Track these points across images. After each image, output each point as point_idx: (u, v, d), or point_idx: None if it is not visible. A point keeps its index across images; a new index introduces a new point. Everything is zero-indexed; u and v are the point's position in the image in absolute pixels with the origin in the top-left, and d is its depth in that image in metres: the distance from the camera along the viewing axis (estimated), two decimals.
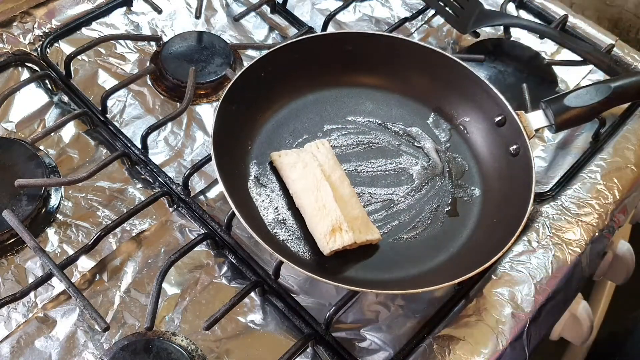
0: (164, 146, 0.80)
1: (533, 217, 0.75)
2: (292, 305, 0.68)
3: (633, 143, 0.83)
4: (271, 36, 0.94)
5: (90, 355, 0.64)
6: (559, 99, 0.74)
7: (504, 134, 0.75)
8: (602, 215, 0.76)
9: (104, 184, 0.76)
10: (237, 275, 0.71)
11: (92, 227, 0.72)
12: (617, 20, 1.24)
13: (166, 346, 0.63)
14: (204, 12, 0.94)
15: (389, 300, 0.70)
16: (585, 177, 0.80)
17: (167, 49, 0.87)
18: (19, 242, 0.70)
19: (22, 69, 0.85)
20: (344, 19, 0.97)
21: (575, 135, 0.86)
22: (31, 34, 0.87)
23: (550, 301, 0.70)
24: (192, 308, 0.68)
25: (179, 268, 0.70)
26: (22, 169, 0.73)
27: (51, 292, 0.67)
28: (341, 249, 0.66)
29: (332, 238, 0.65)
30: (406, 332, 0.68)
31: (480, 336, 0.65)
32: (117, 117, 0.82)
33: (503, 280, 0.70)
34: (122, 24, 0.92)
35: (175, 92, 0.85)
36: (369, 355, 0.66)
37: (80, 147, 0.79)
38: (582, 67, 0.93)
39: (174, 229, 0.74)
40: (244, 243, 0.72)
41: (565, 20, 0.97)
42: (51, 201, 0.73)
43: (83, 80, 0.85)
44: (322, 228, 0.66)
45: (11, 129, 0.80)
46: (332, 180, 0.70)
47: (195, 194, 0.76)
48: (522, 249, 0.73)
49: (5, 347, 0.64)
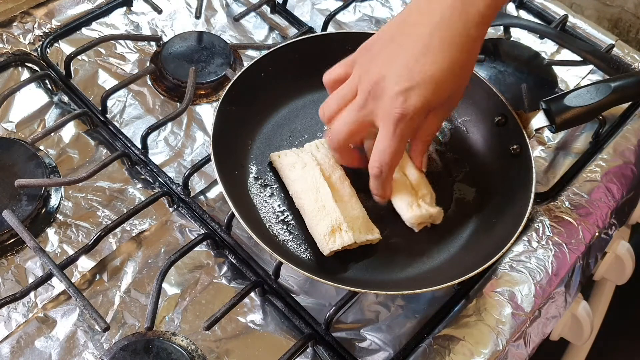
0: (164, 146, 0.80)
1: (533, 217, 0.75)
2: (292, 306, 0.68)
3: (633, 143, 0.83)
4: (271, 36, 0.94)
5: (90, 355, 0.64)
6: (559, 99, 0.74)
7: (504, 134, 0.75)
8: (602, 215, 0.76)
9: (104, 184, 0.76)
10: (237, 275, 0.71)
11: (92, 227, 0.73)
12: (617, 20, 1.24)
13: (166, 346, 0.63)
14: (204, 12, 0.94)
15: (389, 300, 0.70)
16: (585, 177, 0.80)
17: (167, 49, 0.87)
18: (19, 242, 0.70)
19: (22, 69, 0.85)
20: (344, 19, 0.97)
21: (575, 135, 0.86)
22: (31, 34, 0.87)
23: (550, 301, 0.70)
24: (192, 308, 0.68)
25: (179, 268, 0.70)
26: (22, 169, 0.74)
27: (51, 292, 0.67)
28: (341, 249, 0.66)
29: (332, 238, 0.65)
30: (406, 332, 0.68)
31: (480, 336, 0.65)
32: (117, 117, 0.82)
33: (503, 280, 0.70)
34: (122, 24, 0.92)
35: (175, 92, 0.85)
36: (369, 355, 0.66)
37: (80, 147, 0.79)
38: (582, 67, 0.93)
39: (174, 229, 0.74)
40: (244, 243, 0.72)
41: (565, 20, 0.97)
42: (51, 201, 0.73)
43: (83, 80, 0.85)
44: (321, 228, 0.66)
45: (11, 129, 0.80)
46: (332, 181, 0.70)
47: (195, 194, 0.76)
48: (522, 249, 0.73)
49: (5, 347, 0.64)
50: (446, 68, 0.60)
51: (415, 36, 0.61)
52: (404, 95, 0.59)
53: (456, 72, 0.61)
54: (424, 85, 0.59)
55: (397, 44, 0.62)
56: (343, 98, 0.65)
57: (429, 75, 0.59)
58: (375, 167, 0.64)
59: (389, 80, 0.60)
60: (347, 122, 0.64)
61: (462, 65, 0.61)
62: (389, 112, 0.60)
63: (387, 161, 0.63)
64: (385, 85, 0.60)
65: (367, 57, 0.64)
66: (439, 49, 0.59)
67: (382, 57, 0.62)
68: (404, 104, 0.59)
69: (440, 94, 0.61)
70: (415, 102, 0.59)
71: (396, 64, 0.61)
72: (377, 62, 0.62)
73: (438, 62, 0.60)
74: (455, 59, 0.60)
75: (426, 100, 0.60)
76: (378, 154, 0.63)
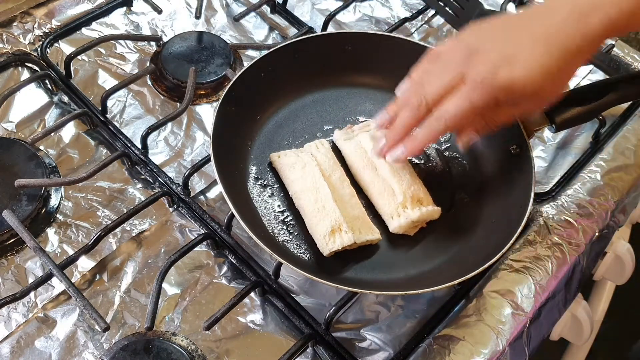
0: (164, 146, 0.80)
1: (533, 217, 0.75)
2: (292, 306, 0.68)
3: (633, 143, 0.83)
4: (271, 36, 0.94)
5: (90, 355, 0.64)
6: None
7: (504, 134, 0.74)
8: (602, 215, 0.76)
9: (104, 184, 0.76)
10: (237, 275, 0.71)
11: (92, 227, 0.73)
12: None
13: (166, 346, 0.63)
14: (204, 12, 0.94)
15: (389, 300, 0.70)
16: (585, 177, 0.79)
17: (167, 49, 0.87)
18: (19, 242, 0.70)
19: (22, 69, 0.85)
20: (344, 19, 0.97)
21: (575, 135, 0.86)
22: (31, 34, 0.87)
23: (550, 301, 0.70)
24: (192, 308, 0.68)
25: (179, 268, 0.70)
26: (22, 169, 0.74)
27: (51, 292, 0.67)
28: (341, 249, 0.66)
29: (332, 239, 0.65)
30: (406, 332, 0.68)
31: (480, 336, 0.65)
32: (117, 117, 0.82)
33: (503, 280, 0.70)
34: (122, 24, 0.92)
35: (175, 92, 0.85)
36: (369, 355, 0.66)
37: (80, 147, 0.79)
38: (582, 67, 0.93)
39: (174, 229, 0.74)
40: (244, 243, 0.72)
41: None
42: (51, 201, 0.73)
43: (83, 80, 0.85)
44: (321, 229, 0.66)
45: (11, 129, 0.80)
46: (331, 181, 0.70)
47: (195, 194, 0.76)
48: (522, 249, 0.72)
49: (5, 347, 0.64)
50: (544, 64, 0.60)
51: (526, 30, 0.62)
52: (497, 66, 0.60)
53: (552, 72, 0.60)
54: (518, 68, 0.60)
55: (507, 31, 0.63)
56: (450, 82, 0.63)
57: (526, 61, 0.60)
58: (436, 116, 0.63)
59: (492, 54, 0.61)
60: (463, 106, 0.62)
61: (561, 69, 0.61)
62: (477, 73, 0.61)
63: (448, 115, 0.62)
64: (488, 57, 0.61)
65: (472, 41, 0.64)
66: (544, 46, 0.60)
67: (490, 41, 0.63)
68: (491, 73, 0.60)
69: (529, 84, 0.60)
70: (504, 76, 0.60)
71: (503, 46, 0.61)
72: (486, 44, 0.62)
73: (539, 55, 0.60)
74: (554, 61, 0.60)
75: (513, 80, 0.60)
76: (447, 105, 0.62)
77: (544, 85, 0.61)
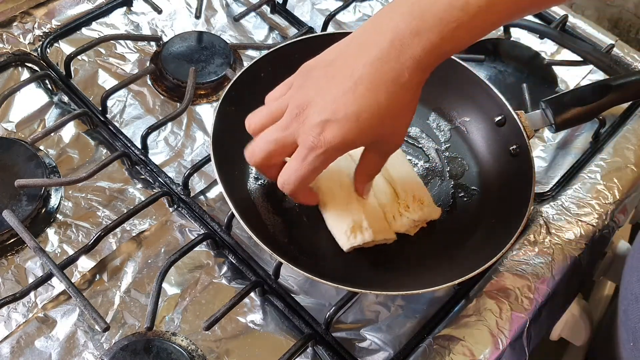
0: (164, 146, 0.80)
1: (533, 217, 0.75)
2: (292, 306, 0.68)
3: (633, 143, 0.83)
4: (271, 36, 0.94)
5: (90, 355, 0.64)
6: (558, 99, 0.74)
7: (504, 134, 0.75)
8: (602, 215, 0.76)
9: (104, 184, 0.76)
10: (237, 275, 0.71)
11: (92, 227, 0.73)
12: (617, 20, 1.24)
13: (166, 346, 0.63)
14: (204, 12, 0.95)
15: (389, 300, 0.70)
16: (585, 177, 0.80)
17: (167, 49, 0.87)
18: (19, 242, 0.70)
19: (22, 69, 0.85)
20: (344, 19, 0.97)
21: (575, 135, 0.86)
22: (31, 34, 0.87)
23: (550, 301, 0.70)
24: (192, 308, 0.68)
25: (179, 268, 0.70)
26: (22, 169, 0.74)
27: (51, 292, 0.67)
28: (360, 245, 0.66)
29: (353, 234, 0.65)
30: (406, 332, 0.68)
31: (480, 336, 0.65)
32: (117, 117, 0.82)
33: (503, 280, 0.70)
34: (122, 24, 0.92)
35: (175, 92, 0.85)
36: (369, 355, 0.66)
37: (80, 147, 0.79)
38: (582, 67, 0.93)
39: (174, 229, 0.74)
40: (244, 243, 0.72)
41: (565, 20, 0.97)
42: (51, 201, 0.73)
43: (83, 80, 0.85)
44: (343, 224, 0.66)
45: (11, 129, 0.80)
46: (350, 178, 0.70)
47: (195, 194, 0.76)
48: (522, 249, 0.72)
49: (5, 347, 0.64)
50: (370, 109, 0.56)
51: (349, 69, 0.57)
52: (322, 127, 0.57)
53: (382, 114, 0.57)
54: (344, 122, 0.56)
55: (332, 72, 0.59)
56: (271, 114, 0.62)
57: (350, 112, 0.56)
58: (280, 182, 0.62)
59: (314, 107, 0.58)
60: (269, 140, 0.61)
61: (391, 108, 0.57)
62: (305, 138, 0.58)
63: (291, 181, 0.61)
64: (310, 112, 0.58)
65: (304, 79, 0.61)
66: (366, 88, 0.56)
67: (316, 83, 0.59)
68: (319, 136, 0.57)
69: (361, 134, 0.57)
70: (331, 137, 0.57)
71: (326, 93, 0.58)
72: (310, 86, 0.59)
73: (363, 101, 0.56)
74: (381, 101, 0.56)
75: (343, 137, 0.57)
76: (287, 171, 0.61)
77: (381, 128, 0.58)
